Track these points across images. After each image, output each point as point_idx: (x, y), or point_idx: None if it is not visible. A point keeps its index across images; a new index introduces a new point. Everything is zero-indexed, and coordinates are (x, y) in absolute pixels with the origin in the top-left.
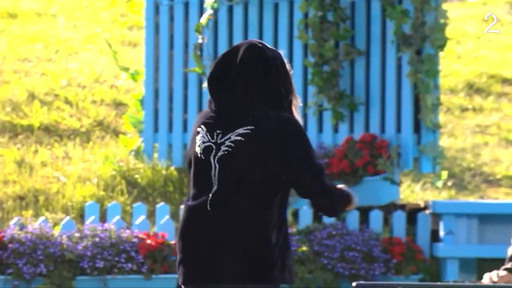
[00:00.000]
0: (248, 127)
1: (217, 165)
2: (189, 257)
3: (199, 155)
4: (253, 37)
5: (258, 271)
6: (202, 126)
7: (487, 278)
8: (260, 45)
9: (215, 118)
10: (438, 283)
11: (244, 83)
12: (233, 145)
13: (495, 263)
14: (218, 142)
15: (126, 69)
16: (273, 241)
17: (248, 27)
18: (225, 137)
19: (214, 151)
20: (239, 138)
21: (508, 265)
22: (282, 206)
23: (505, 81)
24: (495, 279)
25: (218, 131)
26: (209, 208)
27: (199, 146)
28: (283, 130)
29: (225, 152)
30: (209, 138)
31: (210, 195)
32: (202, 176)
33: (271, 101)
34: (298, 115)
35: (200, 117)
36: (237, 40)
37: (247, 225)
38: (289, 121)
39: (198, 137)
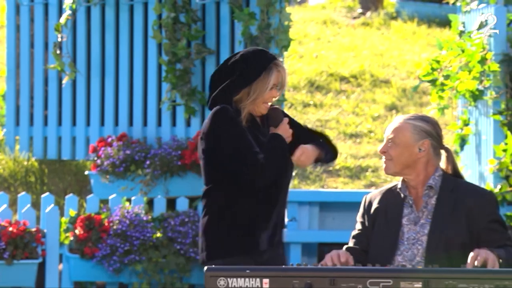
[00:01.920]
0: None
1: None
2: None
3: None
4: (110, 36)
5: (204, 250)
6: None
7: (328, 259)
8: (234, 54)
9: None
10: (278, 266)
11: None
12: None
13: (334, 247)
14: None
15: None
16: (212, 224)
17: (105, 27)
18: None
19: None
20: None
21: (350, 244)
22: (227, 192)
23: (343, 79)
24: (335, 259)
25: None
26: None
27: None
28: (206, 124)
29: None
30: None
31: None
32: None
33: (220, 99)
34: (259, 109)
35: None
36: (95, 39)
37: (203, 213)
38: (212, 115)
39: None
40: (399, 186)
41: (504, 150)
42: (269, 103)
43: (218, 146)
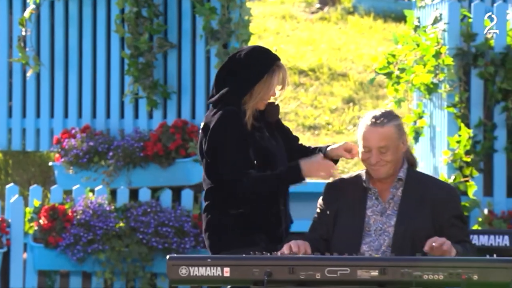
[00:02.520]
0: (202, 124)
1: None
2: None
3: None
4: (73, 30)
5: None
6: None
7: (286, 248)
8: (238, 51)
9: None
10: (238, 255)
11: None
12: None
13: (293, 236)
14: None
15: None
16: (211, 218)
17: (68, 21)
18: None
19: None
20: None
21: (310, 232)
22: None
23: (301, 72)
24: (294, 249)
25: None
26: None
27: None
28: (213, 123)
29: None
30: None
31: None
32: None
33: (223, 97)
34: (255, 106)
35: None
36: (59, 33)
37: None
38: (222, 116)
39: None
40: (363, 178)
41: (458, 142)
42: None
43: (219, 148)
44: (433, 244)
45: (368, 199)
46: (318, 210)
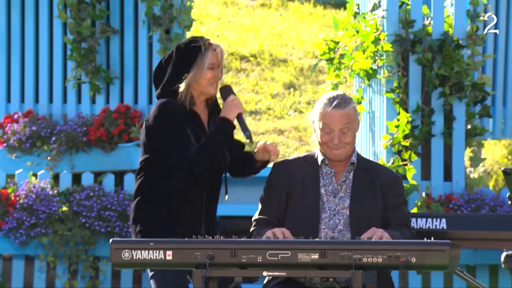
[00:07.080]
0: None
1: None
2: None
3: None
4: (15, 15)
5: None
6: None
7: (270, 234)
8: (184, 41)
9: None
10: (180, 239)
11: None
12: None
13: (236, 220)
14: None
15: None
16: (137, 203)
17: (11, 6)
18: None
19: None
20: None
21: (261, 214)
22: (156, 178)
23: (243, 58)
24: (279, 235)
25: None
26: None
27: None
28: (151, 116)
29: None
30: None
31: None
32: None
33: (162, 89)
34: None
35: None
36: (1, 17)
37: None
38: (155, 108)
39: None
40: (319, 158)
41: (397, 126)
42: (217, 83)
43: (157, 138)
44: (373, 238)
45: (321, 177)
46: (268, 192)
